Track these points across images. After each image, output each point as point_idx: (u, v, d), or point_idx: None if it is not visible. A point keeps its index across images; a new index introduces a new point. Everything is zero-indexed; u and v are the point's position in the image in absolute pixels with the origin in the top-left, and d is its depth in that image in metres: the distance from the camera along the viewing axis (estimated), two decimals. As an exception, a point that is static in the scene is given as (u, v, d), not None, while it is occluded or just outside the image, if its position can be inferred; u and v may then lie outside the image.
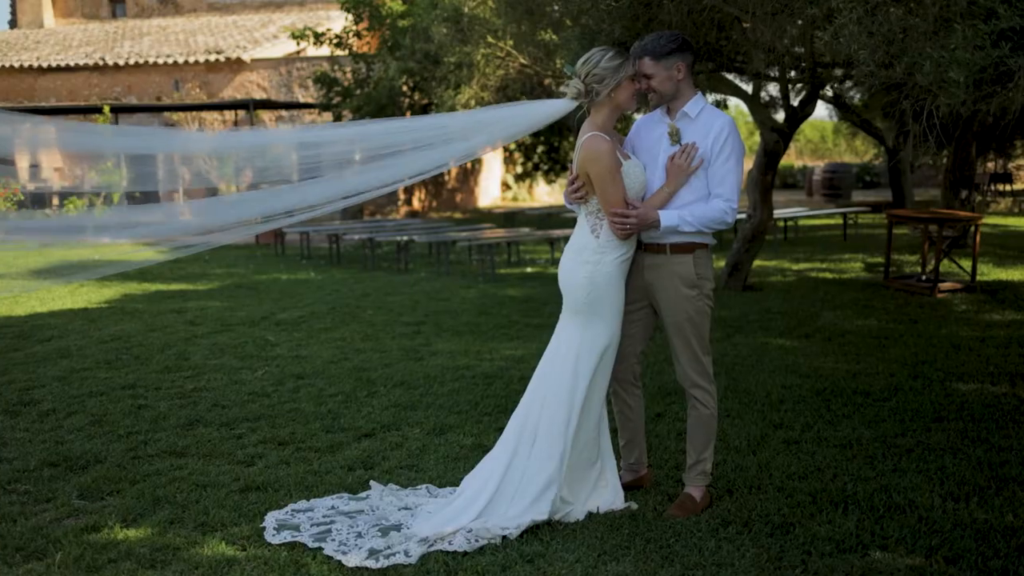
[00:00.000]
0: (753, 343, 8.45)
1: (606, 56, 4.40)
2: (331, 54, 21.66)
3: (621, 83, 4.40)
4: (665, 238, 4.47)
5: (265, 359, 8.13)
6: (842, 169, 29.57)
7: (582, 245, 4.50)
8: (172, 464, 5.43)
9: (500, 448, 4.63)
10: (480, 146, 4.79)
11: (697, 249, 4.50)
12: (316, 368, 7.74)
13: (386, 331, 9.32)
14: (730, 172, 4.42)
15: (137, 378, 7.48)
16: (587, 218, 4.52)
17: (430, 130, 4.87)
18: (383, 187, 4.97)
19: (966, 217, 11.54)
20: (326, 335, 9.15)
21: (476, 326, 9.52)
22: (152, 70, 27.67)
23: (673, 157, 4.43)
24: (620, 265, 4.47)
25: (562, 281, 4.56)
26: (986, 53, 3.56)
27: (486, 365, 7.75)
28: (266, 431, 6.04)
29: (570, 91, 4.49)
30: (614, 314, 4.49)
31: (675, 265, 4.48)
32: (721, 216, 4.41)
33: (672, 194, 4.44)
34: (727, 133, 4.41)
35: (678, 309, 4.49)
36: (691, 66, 4.49)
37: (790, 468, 5.14)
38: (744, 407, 6.38)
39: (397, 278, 13.67)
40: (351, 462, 5.42)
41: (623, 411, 4.82)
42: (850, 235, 17.91)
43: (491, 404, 6.56)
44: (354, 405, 6.62)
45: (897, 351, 8.03)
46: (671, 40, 4.40)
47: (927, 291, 10.97)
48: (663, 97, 4.49)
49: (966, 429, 5.81)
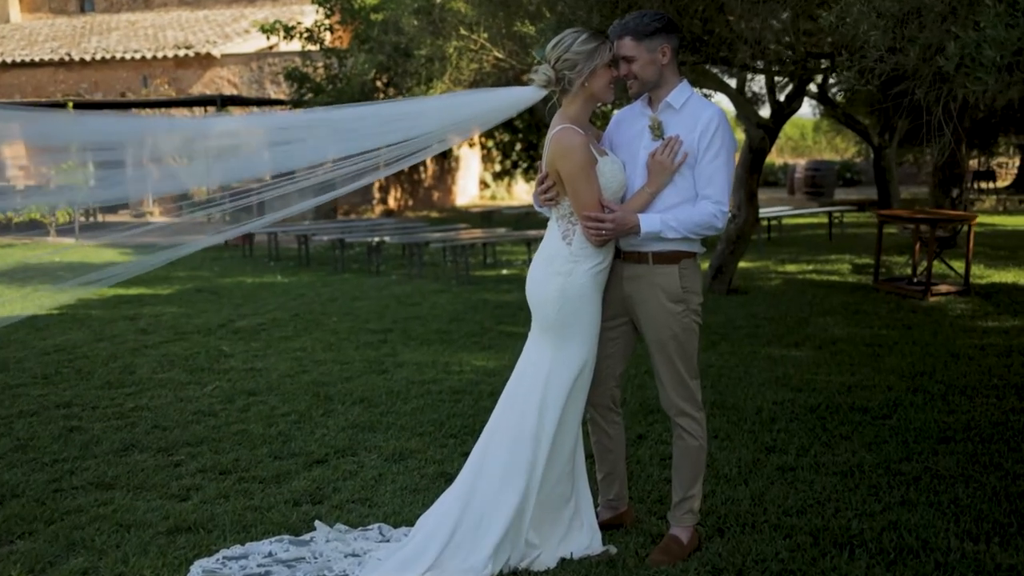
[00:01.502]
0: (740, 352, 7.93)
1: (579, 39, 3.84)
2: (302, 48, 21.02)
3: (597, 70, 3.85)
4: (646, 246, 3.92)
5: (217, 372, 7.54)
6: (824, 167, 29.12)
7: (552, 253, 3.95)
8: (97, 499, 4.85)
9: (459, 484, 4.08)
10: (424, 137, 4.17)
11: (683, 258, 3.95)
12: (270, 383, 7.16)
13: (350, 340, 8.75)
14: (719, 170, 3.87)
15: (75, 395, 6.88)
16: (558, 223, 3.97)
17: (364, 120, 4.31)
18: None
19: (959, 217, 11.06)
20: (285, 345, 8.57)
21: (446, 334, 8.96)
22: (119, 66, 26.92)
23: (655, 153, 3.89)
24: (595, 276, 3.92)
25: (530, 294, 4.01)
26: (1021, 31, 3.04)
27: (454, 378, 7.19)
28: (207, 457, 5.46)
29: (538, 78, 3.93)
30: (589, 332, 3.94)
31: (658, 276, 3.93)
32: (710, 220, 3.86)
33: (654, 195, 3.90)
34: (716, 125, 3.86)
35: (661, 326, 3.95)
36: (676, 50, 3.94)
37: (787, 501, 4.61)
38: (733, 427, 5.86)
39: (367, 281, 13.09)
40: (298, 495, 4.85)
41: (601, 441, 4.27)
42: (835, 234, 17.44)
43: (457, 424, 6.00)
44: (307, 426, 6.05)
45: (893, 361, 7.53)
46: (655, 18, 3.85)
47: (919, 294, 10.48)
48: (644, 84, 3.94)
49: (976, 452, 5.30)
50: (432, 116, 4.23)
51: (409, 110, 4.47)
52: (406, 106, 4.60)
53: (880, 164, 17.97)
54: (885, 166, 17.89)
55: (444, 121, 4.20)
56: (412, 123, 4.13)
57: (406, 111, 4.45)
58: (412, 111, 4.43)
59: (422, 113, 4.36)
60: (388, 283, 12.80)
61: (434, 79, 12.87)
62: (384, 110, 4.89)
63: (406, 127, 4.11)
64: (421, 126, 4.12)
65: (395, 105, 4.52)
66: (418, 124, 4.14)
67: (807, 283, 11.78)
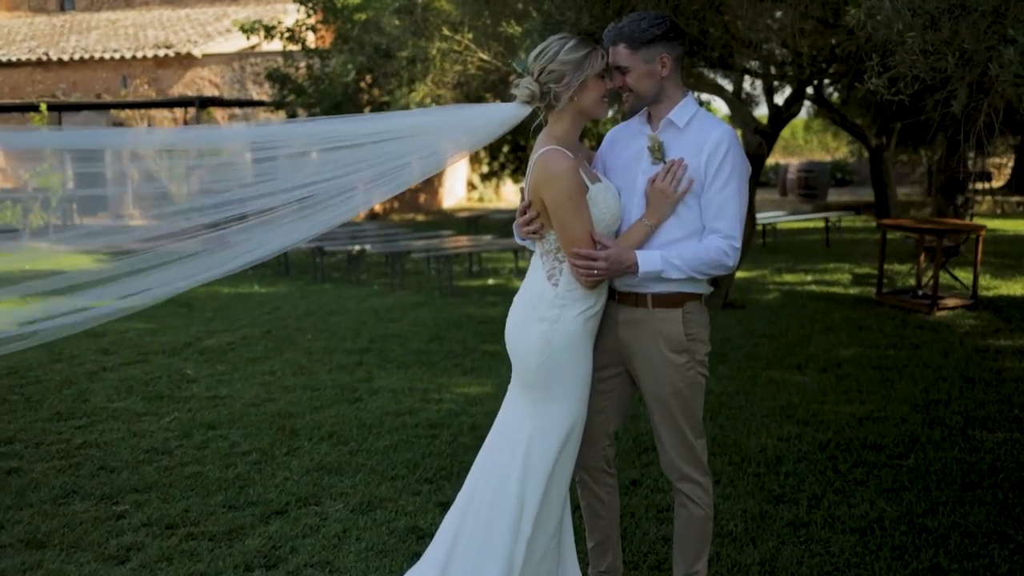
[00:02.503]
0: (740, 376, 7.40)
1: (567, 46, 3.29)
2: (283, 48, 20.40)
3: (587, 82, 3.31)
4: (645, 286, 3.38)
5: (177, 401, 6.98)
6: (817, 168, 28.61)
7: (536, 296, 3.40)
8: (23, 561, 4.29)
9: (433, 552, 3.55)
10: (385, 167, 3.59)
11: (688, 301, 3.41)
12: (233, 414, 6.61)
13: (323, 361, 8.19)
14: (730, 200, 3.32)
15: (19, 428, 6.32)
16: (542, 259, 3.43)
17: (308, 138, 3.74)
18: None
19: (968, 228, 10.54)
20: (253, 368, 8.00)
21: (426, 355, 8.40)
22: (98, 66, 26.27)
23: (654, 179, 3.35)
24: (585, 323, 3.37)
25: (509, 342, 3.46)
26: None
27: (432, 409, 6.64)
28: (154, 507, 4.91)
29: (520, 93, 3.38)
30: (578, 389, 3.39)
31: (659, 323, 3.39)
32: (719, 258, 3.32)
33: (654, 228, 3.35)
34: (726, 148, 3.31)
35: (662, 380, 3.41)
36: (680, 60, 3.39)
37: (801, 568, 4.08)
38: (736, 470, 5.32)
39: (347, 291, 12.52)
40: (250, 557, 4.30)
41: (592, 506, 3.72)
42: (832, 240, 16.93)
43: (433, 466, 5.46)
44: (269, 467, 5.50)
45: (904, 387, 7.01)
46: (655, 23, 3.30)
47: (925, 309, 9.97)
48: (641, 99, 3.39)
49: (1007, 501, 4.78)
50: (399, 140, 3.63)
51: (352, 132, 3.78)
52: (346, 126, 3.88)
53: (878, 167, 17.42)
54: (884, 169, 17.34)
55: (412, 147, 3.61)
56: (354, 158, 3.58)
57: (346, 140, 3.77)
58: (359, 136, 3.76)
59: (369, 142, 3.71)
60: (368, 294, 12.24)
61: (416, 81, 12.30)
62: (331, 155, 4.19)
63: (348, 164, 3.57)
64: (355, 162, 3.57)
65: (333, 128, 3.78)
66: (354, 162, 3.59)
67: (807, 296, 11.25)
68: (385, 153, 3.63)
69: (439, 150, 3.58)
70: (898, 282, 11.95)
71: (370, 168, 3.67)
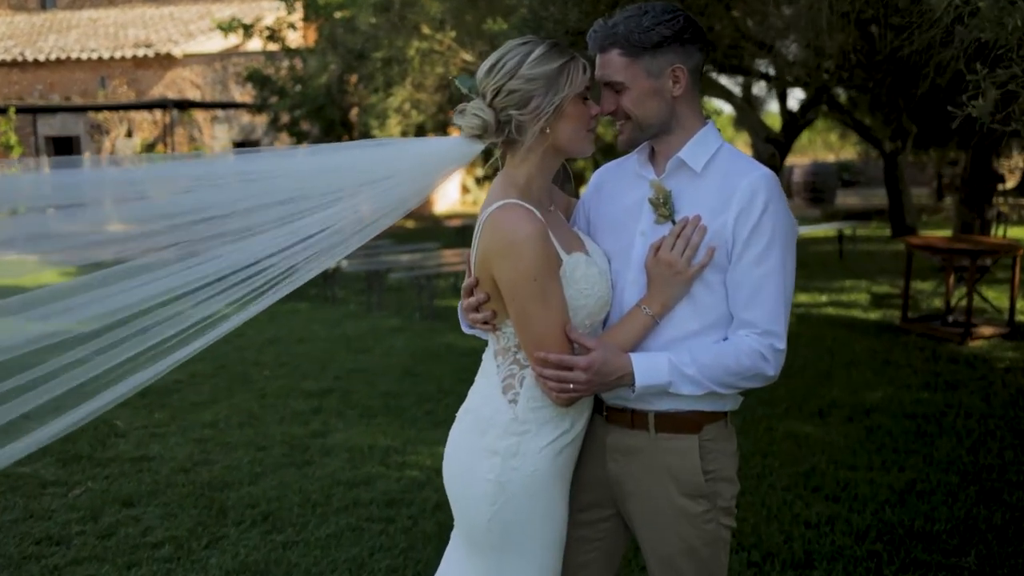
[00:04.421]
0: (754, 430, 6.36)
1: (532, 56, 2.24)
2: (263, 48, 19.35)
3: (563, 107, 2.26)
4: (647, 402, 2.32)
5: (96, 464, 5.93)
6: (824, 170, 27.58)
7: (485, 418, 2.34)
8: None
9: None
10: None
11: (707, 424, 2.34)
12: (157, 483, 5.57)
13: (276, 408, 7.14)
14: (770, 277, 2.24)
15: None
16: (497, 360, 2.38)
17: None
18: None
19: (1004, 247, 9.49)
20: (194, 417, 6.95)
21: (395, 399, 7.36)
22: (76, 66, 25.21)
23: (659, 247, 2.30)
24: (555, 457, 2.31)
25: (448, 485, 2.40)
26: None
27: (393, 478, 5.60)
28: (24, 635, 3.88)
29: (466, 124, 2.33)
30: (547, 550, 2.33)
31: (665, 455, 2.33)
32: (753, 365, 2.24)
33: (658, 318, 2.29)
34: (764, 201, 2.24)
35: (669, 535, 2.35)
36: (698, 72, 2.33)
37: None
38: (758, 574, 4.29)
39: (320, 313, 11.49)
40: None
41: None
42: (846, 251, 15.84)
43: (382, 568, 4.41)
44: (180, 569, 4.46)
45: (946, 446, 5.98)
46: (663, 19, 2.25)
47: (957, 338, 8.94)
48: (643, 129, 2.34)
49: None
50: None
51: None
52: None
53: (893, 173, 16.37)
54: (898, 175, 16.29)
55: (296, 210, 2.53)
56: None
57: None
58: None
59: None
60: (344, 315, 11.20)
61: (394, 84, 11.25)
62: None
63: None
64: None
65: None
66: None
67: (823, 321, 10.20)
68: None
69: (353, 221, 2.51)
70: (923, 303, 10.91)
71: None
